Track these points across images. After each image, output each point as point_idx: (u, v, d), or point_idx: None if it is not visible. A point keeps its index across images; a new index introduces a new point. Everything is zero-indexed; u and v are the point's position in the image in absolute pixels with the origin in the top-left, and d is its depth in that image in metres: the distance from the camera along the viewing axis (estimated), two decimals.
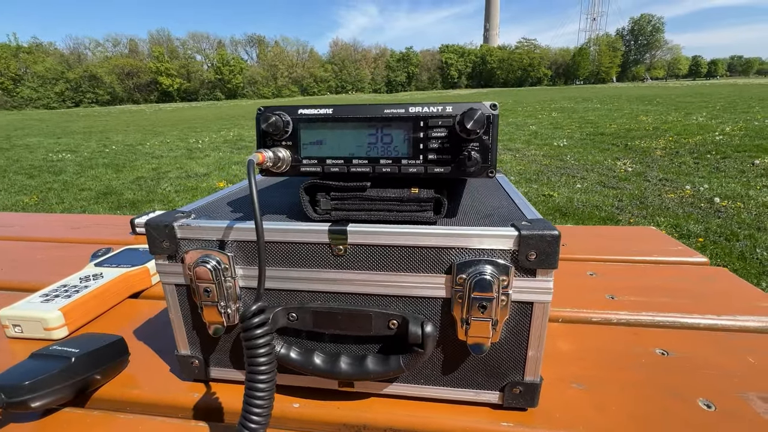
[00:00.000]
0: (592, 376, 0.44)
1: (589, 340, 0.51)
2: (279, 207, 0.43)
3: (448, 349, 0.38)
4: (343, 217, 0.37)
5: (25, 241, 0.91)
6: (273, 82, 49.25)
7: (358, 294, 0.37)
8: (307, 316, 0.38)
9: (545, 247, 0.33)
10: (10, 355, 0.51)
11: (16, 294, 0.66)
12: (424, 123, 0.34)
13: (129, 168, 5.31)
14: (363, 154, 0.35)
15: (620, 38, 67.96)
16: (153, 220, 0.38)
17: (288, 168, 0.36)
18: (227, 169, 5.06)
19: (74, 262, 0.78)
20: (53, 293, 0.57)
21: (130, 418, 0.40)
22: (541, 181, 3.94)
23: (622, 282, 0.66)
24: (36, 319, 0.52)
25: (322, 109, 0.35)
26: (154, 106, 30.02)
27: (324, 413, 0.40)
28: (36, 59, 40.31)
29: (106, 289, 0.60)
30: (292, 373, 0.41)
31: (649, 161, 4.45)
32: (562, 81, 58.99)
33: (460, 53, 58.99)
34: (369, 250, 0.36)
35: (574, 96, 17.76)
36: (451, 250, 0.34)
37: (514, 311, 0.36)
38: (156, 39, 49.06)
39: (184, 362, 0.43)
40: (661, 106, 10.64)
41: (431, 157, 0.34)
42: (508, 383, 0.38)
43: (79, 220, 1.06)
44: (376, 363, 0.37)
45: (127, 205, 3.71)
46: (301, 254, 0.37)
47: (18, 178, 4.90)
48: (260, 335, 0.30)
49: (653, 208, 2.97)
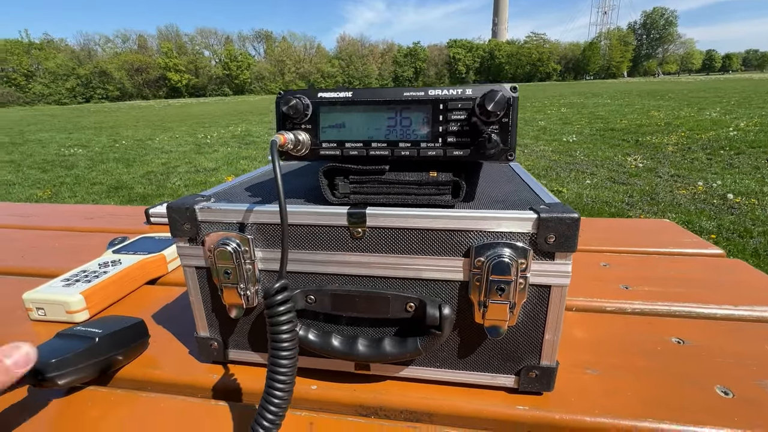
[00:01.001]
0: (606, 362, 0.44)
1: (603, 329, 0.51)
2: (296, 191, 0.43)
3: (464, 332, 0.38)
4: (361, 200, 0.37)
5: (42, 230, 0.93)
6: (280, 77, 49.32)
7: (376, 277, 0.38)
8: (326, 299, 0.38)
9: (564, 230, 0.33)
10: (34, 336, 0.52)
11: (36, 279, 0.68)
12: (444, 106, 0.34)
13: (139, 163, 5.37)
14: (382, 138, 0.35)
15: (632, 32, 66.79)
16: (175, 203, 0.38)
17: (307, 151, 0.36)
18: (235, 163, 5.09)
19: (89, 250, 0.79)
20: (74, 278, 0.58)
21: (152, 397, 0.41)
22: (550, 176, 3.90)
23: (636, 272, 0.66)
24: (59, 302, 0.53)
25: (341, 93, 0.35)
26: (162, 102, 30.27)
27: (341, 395, 0.40)
28: (47, 55, 40.80)
29: (125, 275, 0.61)
30: (309, 355, 0.41)
31: (660, 157, 4.39)
32: (571, 76, 58.22)
33: (468, 48, 58.47)
34: (387, 233, 0.36)
35: (583, 91, 17.53)
36: (470, 233, 0.35)
37: (531, 295, 0.36)
38: (165, 35, 49.33)
39: (203, 344, 0.44)
40: (674, 101, 10.46)
41: (450, 140, 0.34)
42: (524, 367, 0.38)
43: (92, 211, 1.08)
44: (393, 345, 0.37)
45: (138, 199, 3.76)
46: (319, 237, 0.37)
47: (32, 172, 4.98)
48: (283, 312, 0.31)
49: (664, 204, 2.94)
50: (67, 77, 39.55)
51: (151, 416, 0.39)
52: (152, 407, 0.40)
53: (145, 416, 0.39)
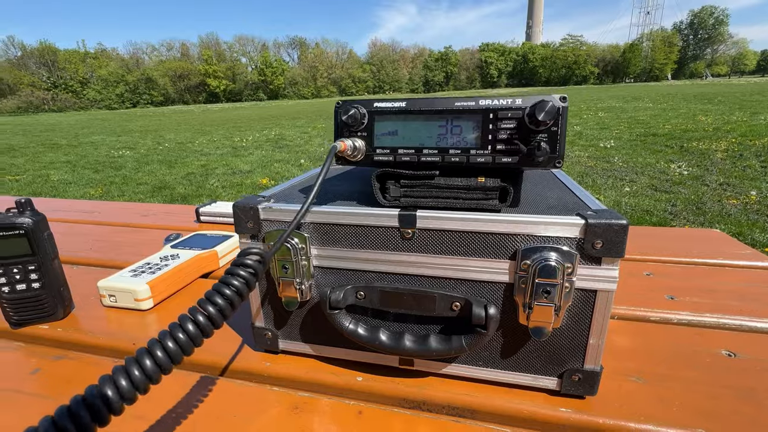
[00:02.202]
0: (652, 371, 0.44)
1: (647, 338, 0.50)
2: (347, 194, 0.46)
3: (508, 332, 0.39)
4: (411, 203, 0.39)
5: (106, 225, 1.02)
6: (312, 82, 50.50)
7: (424, 276, 0.40)
8: (374, 295, 0.41)
9: (612, 236, 0.34)
10: (105, 321, 0.58)
11: (104, 270, 0.75)
12: (494, 115, 0.36)
13: (180, 164, 5.67)
14: (433, 144, 0.37)
15: (677, 33, 63.35)
16: (240, 203, 0.42)
17: (362, 157, 0.39)
18: (269, 166, 5.27)
19: (148, 244, 0.86)
20: (140, 269, 0.64)
21: (211, 379, 0.45)
22: (586, 183, 3.78)
23: (682, 283, 0.64)
24: (128, 290, 0.58)
25: (395, 102, 0.38)
26: (202, 107, 31.74)
27: (386, 387, 0.42)
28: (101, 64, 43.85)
29: (183, 269, 0.66)
30: (355, 348, 0.44)
31: (707, 164, 4.14)
32: (610, 79, 55.94)
33: (501, 52, 57.54)
34: (436, 234, 0.38)
35: (623, 95, 16.80)
36: (517, 236, 0.36)
37: (577, 298, 0.36)
38: (205, 43, 51.78)
39: (258, 333, 0.48)
40: (723, 105, 9.83)
41: (499, 148, 0.36)
42: (567, 370, 0.39)
43: (148, 209, 1.17)
44: (439, 342, 0.39)
45: (179, 199, 3.96)
46: (371, 237, 0.40)
47: (85, 173, 5.37)
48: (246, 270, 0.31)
49: (712, 214, 2.77)
50: (117, 84, 42.39)
51: (211, 397, 0.43)
52: (210, 388, 0.44)
53: (203, 396, 0.43)
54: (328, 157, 0.36)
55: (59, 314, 0.56)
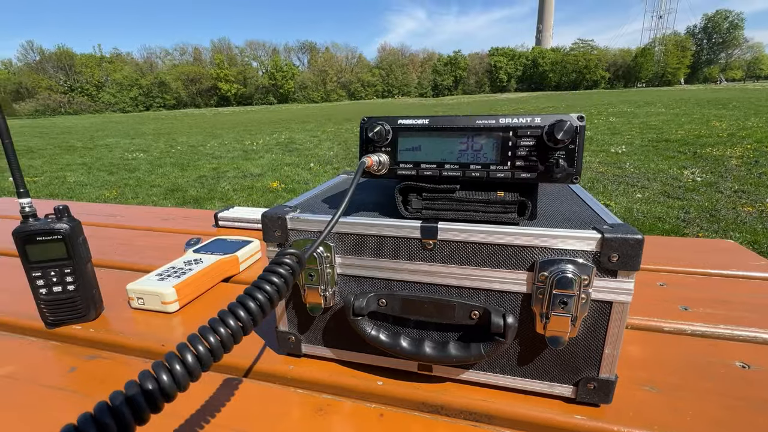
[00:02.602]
0: (665, 381, 0.45)
1: (661, 348, 0.51)
2: (368, 205, 0.48)
3: (525, 341, 0.41)
4: (432, 215, 0.41)
5: (128, 229, 1.06)
6: (322, 86, 50.91)
7: (444, 285, 0.41)
8: (396, 303, 0.42)
9: (628, 250, 0.35)
10: (134, 322, 0.60)
11: (129, 273, 0.78)
12: (513, 132, 0.37)
13: (192, 167, 5.77)
14: (454, 160, 0.39)
15: (690, 37, 62.54)
16: (269, 213, 0.44)
17: (386, 171, 0.41)
18: (279, 170, 5.33)
19: (169, 248, 0.89)
20: (165, 273, 0.66)
21: (236, 380, 0.47)
22: (597, 189, 3.75)
23: (696, 294, 0.64)
24: (156, 293, 0.61)
25: (419, 120, 0.40)
26: (213, 110, 32.22)
27: (405, 392, 0.44)
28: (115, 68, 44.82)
29: (206, 273, 0.69)
30: (375, 353, 0.46)
31: (722, 171, 4.09)
32: (621, 84, 55.42)
33: (510, 56, 57.39)
34: (456, 246, 0.40)
35: (634, 99, 16.63)
36: (535, 249, 0.38)
37: (593, 309, 0.38)
38: (217, 47, 52.59)
39: (282, 337, 0.50)
40: (739, 110, 9.67)
41: (519, 164, 0.38)
42: (583, 378, 0.40)
43: (168, 213, 1.20)
44: (458, 349, 0.41)
45: (191, 202, 4.03)
46: (393, 247, 0.42)
47: (100, 175, 5.49)
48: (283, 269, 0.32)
49: (726, 222, 2.74)
50: (131, 87, 43.29)
51: (237, 397, 0.45)
52: (235, 389, 0.46)
53: (230, 396, 0.45)
54: (357, 173, 0.38)
55: (91, 315, 0.59)
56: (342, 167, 5.31)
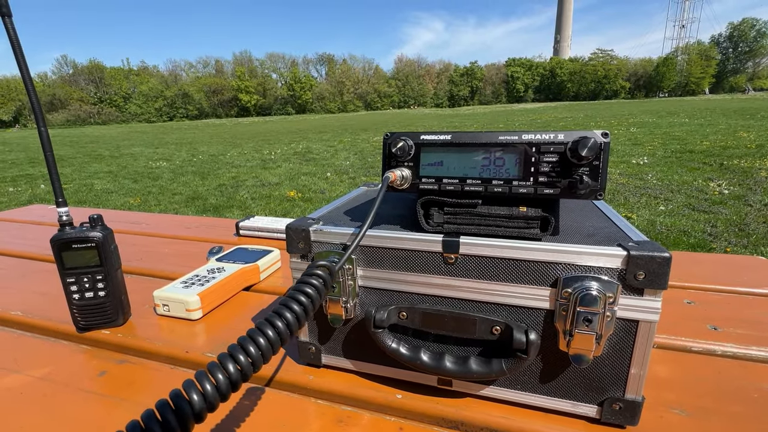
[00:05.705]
0: (695, 404, 0.43)
1: (689, 369, 0.50)
2: (388, 217, 0.49)
3: (547, 358, 0.40)
4: (454, 230, 0.41)
5: (153, 236, 1.09)
6: (339, 97, 51.74)
7: (465, 299, 0.41)
8: (416, 316, 0.43)
9: (655, 268, 0.34)
10: (159, 329, 0.62)
11: (154, 279, 0.80)
12: (536, 148, 0.37)
13: (212, 176, 5.92)
14: (476, 175, 0.40)
15: (715, 46, 61.03)
16: (293, 224, 0.46)
17: (408, 185, 0.42)
18: (296, 179, 5.41)
19: (193, 256, 0.91)
20: (190, 281, 0.68)
21: (258, 389, 0.48)
22: (617, 201, 3.67)
23: (725, 313, 0.62)
24: (181, 301, 0.63)
25: (441, 135, 0.40)
26: (233, 120, 33.09)
27: (425, 406, 0.44)
28: (142, 80, 46.78)
29: (228, 282, 0.70)
30: (395, 365, 0.46)
31: (751, 183, 3.94)
32: (642, 94, 54.35)
33: (528, 66, 57.17)
34: (478, 260, 0.40)
35: (656, 109, 16.27)
36: (558, 265, 0.37)
37: (618, 328, 0.37)
38: (239, 60, 54.24)
39: (302, 347, 0.50)
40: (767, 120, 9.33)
41: (541, 180, 0.38)
42: (608, 398, 0.39)
43: (191, 221, 1.24)
44: (479, 364, 0.41)
45: (211, 209, 4.13)
46: (415, 260, 0.42)
47: (125, 182, 5.69)
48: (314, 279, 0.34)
49: (757, 237, 2.63)
50: (156, 98, 45.04)
51: (261, 406, 0.45)
52: (258, 398, 0.47)
53: (254, 405, 0.45)
54: (381, 188, 0.38)
55: (120, 321, 0.61)
56: (358, 177, 5.35)
